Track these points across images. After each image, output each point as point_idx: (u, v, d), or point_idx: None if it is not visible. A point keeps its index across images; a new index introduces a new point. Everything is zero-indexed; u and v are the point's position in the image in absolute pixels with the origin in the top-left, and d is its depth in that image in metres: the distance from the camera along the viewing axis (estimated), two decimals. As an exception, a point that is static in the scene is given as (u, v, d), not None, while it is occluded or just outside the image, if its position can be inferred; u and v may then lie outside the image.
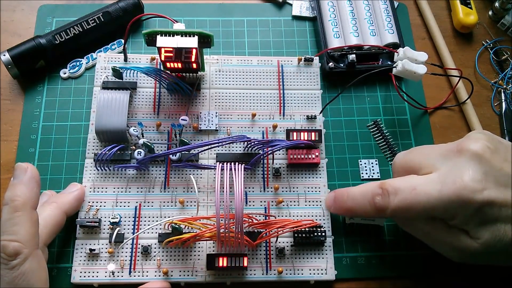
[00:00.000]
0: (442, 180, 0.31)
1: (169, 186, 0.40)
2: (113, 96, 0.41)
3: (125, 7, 0.47)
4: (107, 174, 0.40)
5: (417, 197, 0.31)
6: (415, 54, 0.42)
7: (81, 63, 0.47)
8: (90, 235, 0.38)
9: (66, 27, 0.46)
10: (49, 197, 0.38)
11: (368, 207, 0.33)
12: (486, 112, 0.48)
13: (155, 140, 0.42)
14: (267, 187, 0.41)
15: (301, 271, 0.39)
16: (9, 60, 0.44)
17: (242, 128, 0.43)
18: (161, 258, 0.38)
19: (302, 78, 0.45)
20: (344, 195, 0.36)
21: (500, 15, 0.52)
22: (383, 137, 0.45)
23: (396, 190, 0.32)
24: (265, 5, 0.51)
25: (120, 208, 0.39)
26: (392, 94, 0.48)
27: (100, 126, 0.40)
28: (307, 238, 0.39)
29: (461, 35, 0.52)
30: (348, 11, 0.49)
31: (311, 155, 0.41)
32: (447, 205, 0.30)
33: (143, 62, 0.45)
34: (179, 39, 0.38)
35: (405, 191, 0.32)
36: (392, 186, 0.32)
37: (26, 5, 0.50)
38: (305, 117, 0.43)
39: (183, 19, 0.50)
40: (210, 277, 0.38)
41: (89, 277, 0.37)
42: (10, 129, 0.44)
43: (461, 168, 0.31)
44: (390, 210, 0.32)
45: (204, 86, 0.44)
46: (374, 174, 0.44)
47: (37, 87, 0.46)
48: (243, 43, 0.49)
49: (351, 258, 0.41)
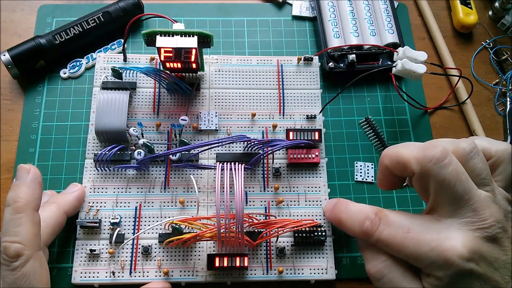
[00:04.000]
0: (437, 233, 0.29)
1: (169, 186, 0.40)
2: (112, 96, 0.41)
3: (125, 7, 0.47)
4: (107, 175, 0.40)
5: (407, 241, 0.29)
6: (414, 54, 0.42)
7: (81, 63, 0.47)
8: (91, 235, 0.38)
9: (66, 27, 0.46)
10: (49, 197, 0.38)
11: (356, 227, 0.32)
12: (486, 112, 0.48)
13: (155, 140, 0.42)
14: (267, 187, 0.41)
15: (302, 270, 0.39)
16: (9, 60, 0.44)
17: (242, 128, 0.43)
18: (162, 258, 0.38)
19: (302, 77, 0.45)
20: (343, 205, 0.35)
21: (500, 15, 0.52)
22: (375, 133, 0.45)
23: (389, 223, 0.31)
24: (265, 5, 0.51)
25: (120, 208, 0.39)
26: (392, 94, 0.48)
27: (100, 126, 0.40)
28: (307, 238, 0.39)
29: (461, 35, 0.52)
30: (348, 11, 0.49)
31: (311, 155, 0.41)
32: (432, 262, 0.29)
33: (142, 62, 0.45)
34: (179, 39, 0.38)
35: (399, 229, 0.30)
36: (387, 217, 0.31)
37: (26, 5, 0.50)
38: (305, 116, 0.43)
39: (183, 19, 0.50)
40: (210, 277, 0.38)
41: (89, 277, 0.37)
42: (10, 129, 0.44)
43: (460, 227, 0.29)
44: (375, 238, 0.31)
45: (204, 86, 0.44)
46: (368, 177, 0.44)
47: (37, 87, 0.46)
48: (243, 43, 0.49)
49: (351, 258, 0.41)
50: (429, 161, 0.29)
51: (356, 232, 0.33)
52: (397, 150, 0.31)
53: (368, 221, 0.31)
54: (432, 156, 0.29)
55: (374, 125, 0.46)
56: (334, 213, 0.35)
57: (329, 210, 0.36)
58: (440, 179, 0.29)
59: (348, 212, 0.34)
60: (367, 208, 0.33)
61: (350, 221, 0.33)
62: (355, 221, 0.33)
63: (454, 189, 0.28)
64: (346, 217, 0.34)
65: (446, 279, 0.28)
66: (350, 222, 0.33)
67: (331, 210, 0.36)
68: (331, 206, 0.36)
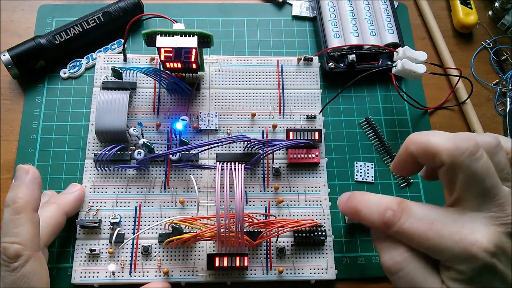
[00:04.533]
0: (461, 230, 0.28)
1: (169, 186, 0.41)
2: (113, 96, 0.41)
3: (125, 7, 0.47)
4: (107, 175, 0.40)
5: (430, 233, 0.29)
6: (414, 54, 0.42)
7: (81, 63, 0.47)
8: (91, 235, 0.38)
9: (66, 27, 0.46)
10: (49, 198, 0.38)
11: (376, 217, 0.31)
12: (486, 112, 0.48)
13: (155, 140, 0.42)
14: (267, 186, 0.41)
15: (302, 270, 0.39)
16: (9, 60, 0.44)
17: (242, 128, 0.43)
18: (162, 258, 0.38)
19: (302, 77, 0.45)
20: (361, 195, 0.34)
21: (500, 15, 0.52)
22: (375, 133, 0.45)
23: (412, 214, 0.30)
24: (265, 5, 0.51)
25: (120, 208, 0.39)
26: (392, 94, 0.48)
27: (100, 126, 0.40)
28: (307, 238, 0.39)
29: (461, 35, 0.52)
30: (348, 11, 0.49)
31: (311, 155, 0.41)
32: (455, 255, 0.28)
33: (142, 62, 0.45)
34: (179, 39, 0.38)
35: (422, 220, 0.29)
36: (410, 208, 0.30)
37: (26, 5, 0.50)
38: (304, 116, 0.43)
39: (183, 19, 0.50)
40: (210, 277, 0.38)
41: (89, 277, 0.37)
42: (10, 129, 0.44)
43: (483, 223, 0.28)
44: (396, 229, 0.30)
45: (204, 86, 0.44)
46: (368, 177, 0.44)
47: (37, 87, 0.46)
48: (243, 43, 0.49)
49: (351, 258, 0.41)
50: (461, 153, 0.28)
51: (376, 222, 0.32)
52: (428, 138, 0.30)
53: (390, 211, 0.30)
54: (465, 149, 0.28)
55: (374, 125, 0.46)
56: (350, 203, 0.34)
57: (344, 200, 0.34)
58: (471, 173, 0.28)
59: (368, 202, 0.33)
60: (388, 198, 0.32)
61: (369, 211, 0.32)
62: (375, 211, 0.31)
63: (484, 183, 0.28)
64: (365, 206, 0.33)
65: (468, 273, 0.28)
66: (369, 211, 0.32)
67: (346, 200, 0.34)
68: (346, 197, 0.35)
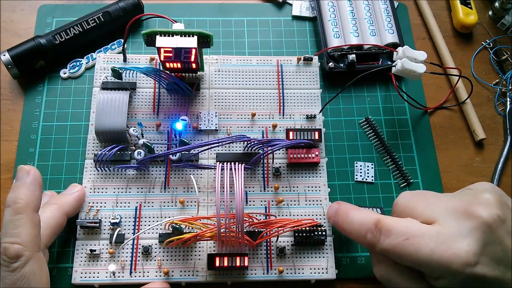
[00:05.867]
0: (438, 239, 0.29)
1: (169, 186, 0.40)
2: (112, 96, 0.41)
3: (125, 7, 0.47)
4: (107, 175, 0.40)
5: (408, 247, 0.30)
6: (414, 53, 0.42)
7: (81, 63, 0.47)
8: (91, 235, 0.38)
9: (66, 27, 0.46)
10: (49, 198, 0.38)
11: (361, 239, 0.33)
12: (486, 112, 0.48)
13: (155, 140, 0.42)
14: (267, 186, 0.41)
15: (302, 270, 0.39)
16: (9, 60, 0.44)
17: (242, 128, 0.43)
18: (162, 258, 0.38)
19: (302, 77, 0.45)
20: (343, 215, 0.36)
21: (500, 15, 0.52)
22: (375, 133, 0.45)
23: (389, 233, 0.31)
24: (265, 5, 0.51)
25: (120, 208, 0.39)
26: (392, 94, 0.48)
27: (100, 126, 0.40)
28: (307, 238, 0.39)
29: (461, 35, 0.52)
30: (348, 11, 0.49)
31: (311, 155, 0.41)
32: (435, 267, 0.29)
33: (142, 62, 0.45)
34: (179, 39, 0.38)
35: (398, 236, 0.31)
36: (387, 227, 0.31)
37: (26, 5, 0.50)
38: (304, 116, 0.43)
39: (183, 19, 0.50)
40: (211, 277, 0.38)
41: (89, 277, 0.37)
42: (10, 129, 0.44)
43: (462, 233, 0.29)
44: (378, 249, 0.32)
45: (204, 86, 0.44)
46: (368, 177, 0.44)
47: (37, 87, 0.46)
48: (243, 43, 0.49)
49: (351, 258, 0.41)
50: None
51: (361, 243, 0.34)
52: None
53: (369, 234, 0.32)
54: None
55: (374, 125, 0.46)
56: (337, 222, 0.37)
57: (332, 217, 0.37)
58: None
59: (350, 223, 0.35)
60: (367, 218, 0.33)
61: (354, 233, 0.34)
62: (358, 233, 0.34)
63: None
64: (349, 228, 0.35)
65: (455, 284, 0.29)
66: (353, 233, 0.34)
67: (333, 217, 0.37)
68: (333, 213, 0.37)
